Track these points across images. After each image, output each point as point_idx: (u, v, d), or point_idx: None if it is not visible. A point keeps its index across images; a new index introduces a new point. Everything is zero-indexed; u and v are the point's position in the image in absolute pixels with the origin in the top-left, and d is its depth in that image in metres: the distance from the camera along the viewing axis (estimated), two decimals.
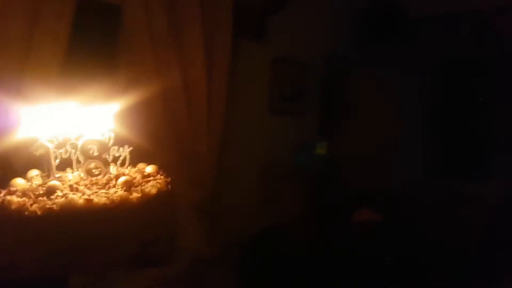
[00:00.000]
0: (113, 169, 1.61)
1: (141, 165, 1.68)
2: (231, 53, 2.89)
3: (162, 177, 1.57)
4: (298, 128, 3.38)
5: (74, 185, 1.42)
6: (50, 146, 1.50)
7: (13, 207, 1.32)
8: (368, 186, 3.24)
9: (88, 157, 1.52)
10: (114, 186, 1.45)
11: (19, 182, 1.46)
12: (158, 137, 2.59)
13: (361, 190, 3.20)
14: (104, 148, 1.54)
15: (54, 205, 1.32)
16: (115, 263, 1.35)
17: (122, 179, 1.45)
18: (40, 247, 1.29)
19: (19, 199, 1.34)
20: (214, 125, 2.84)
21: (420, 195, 3.20)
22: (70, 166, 1.57)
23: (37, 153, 1.49)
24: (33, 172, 1.57)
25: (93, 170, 1.53)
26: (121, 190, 1.42)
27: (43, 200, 1.34)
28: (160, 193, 1.46)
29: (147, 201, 1.42)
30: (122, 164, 1.61)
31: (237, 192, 2.99)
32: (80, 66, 2.41)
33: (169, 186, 1.54)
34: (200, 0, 2.80)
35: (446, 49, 3.43)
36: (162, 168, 1.69)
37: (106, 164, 1.55)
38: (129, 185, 1.44)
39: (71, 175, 1.55)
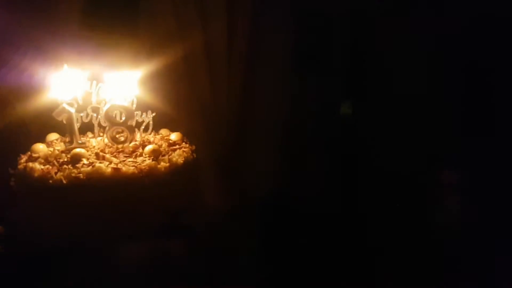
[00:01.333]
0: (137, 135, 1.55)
1: (163, 131, 1.62)
2: (253, 9, 2.76)
3: (187, 145, 1.50)
4: (323, 87, 3.26)
5: (101, 153, 1.36)
6: (73, 111, 1.43)
7: (36, 174, 1.26)
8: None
9: (113, 123, 1.45)
10: (141, 154, 1.39)
11: (41, 148, 1.41)
12: (180, 98, 2.53)
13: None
14: (129, 114, 1.47)
15: (81, 174, 1.26)
16: (146, 232, 1.31)
17: (149, 148, 1.40)
18: (66, 217, 1.25)
19: (42, 167, 1.28)
20: (234, 83, 2.77)
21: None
22: (90, 130, 1.50)
23: (60, 118, 1.42)
24: (52, 136, 1.51)
25: (118, 137, 1.46)
26: (148, 159, 1.36)
27: (69, 168, 1.28)
28: (187, 162, 1.40)
29: (175, 170, 1.36)
30: (146, 130, 1.54)
31: (258, 150, 2.93)
32: (101, 29, 2.33)
33: (194, 155, 1.48)
34: None
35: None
36: (184, 128, 1.62)
37: (132, 130, 1.48)
38: (156, 154, 1.38)
39: (95, 141, 1.48)
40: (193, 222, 1.42)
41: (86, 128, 1.51)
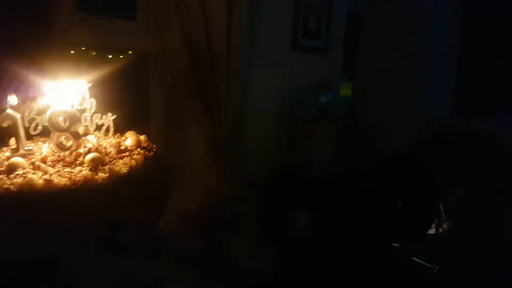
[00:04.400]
0: (94, 139, 1.52)
1: (128, 134, 1.57)
2: None
3: (141, 151, 1.45)
4: (322, 66, 3.15)
5: (37, 163, 1.34)
6: (18, 116, 1.41)
7: None
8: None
9: (57, 129, 1.42)
10: (82, 163, 1.36)
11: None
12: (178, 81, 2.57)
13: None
14: (74, 119, 1.43)
15: (12, 186, 1.24)
16: (80, 247, 1.29)
17: (89, 156, 1.35)
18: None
19: None
20: (234, 61, 2.70)
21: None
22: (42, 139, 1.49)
23: (4, 124, 1.40)
24: (12, 141, 1.49)
25: (65, 143, 1.44)
26: (86, 169, 1.32)
27: (2, 178, 1.26)
28: (131, 172, 1.35)
29: (116, 181, 1.32)
30: (106, 133, 1.52)
31: (258, 130, 2.89)
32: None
33: (150, 160, 1.42)
34: None
35: None
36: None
37: (77, 137, 1.45)
38: (96, 163, 1.34)
39: (45, 148, 1.46)
40: (132, 239, 1.38)
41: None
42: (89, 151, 1.41)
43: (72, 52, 2.42)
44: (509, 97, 3.23)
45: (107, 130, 1.51)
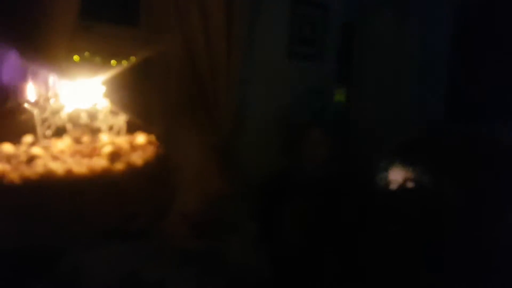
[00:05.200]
0: (107, 137, 1.58)
1: (137, 135, 1.64)
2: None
3: (152, 147, 1.53)
4: (317, 73, 3.26)
5: (56, 153, 1.40)
6: (35, 111, 1.47)
7: None
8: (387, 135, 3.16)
9: (76, 125, 1.50)
10: (98, 155, 1.43)
11: (6, 148, 1.45)
12: (178, 89, 2.63)
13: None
14: (93, 116, 1.51)
15: (33, 174, 1.30)
16: (97, 235, 1.35)
17: (107, 149, 1.43)
18: (19, 218, 1.29)
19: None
20: (232, 70, 2.79)
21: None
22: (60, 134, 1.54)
23: (22, 117, 1.47)
24: (28, 138, 1.55)
25: (80, 139, 1.51)
26: (104, 160, 1.39)
27: (23, 168, 1.32)
28: (146, 165, 1.43)
29: (132, 172, 1.39)
30: (117, 133, 1.58)
31: (255, 134, 2.98)
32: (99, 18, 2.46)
33: (160, 157, 1.50)
34: None
35: None
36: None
37: (95, 133, 1.52)
38: (114, 156, 1.41)
39: (62, 143, 1.52)
40: (145, 227, 1.44)
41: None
42: (105, 145, 1.47)
43: (77, 56, 2.48)
44: (500, 102, 3.35)
45: (119, 130, 1.58)
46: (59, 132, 1.55)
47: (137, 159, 1.43)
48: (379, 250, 2.71)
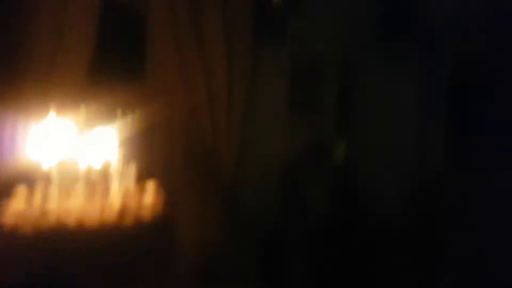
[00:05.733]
0: (116, 187, 1.75)
1: (145, 186, 1.80)
2: (252, 58, 2.98)
3: (160, 203, 1.68)
4: (318, 126, 3.44)
5: (69, 205, 1.56)
6: (48, 165, 1.64)
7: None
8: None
9: (88, 178, 1.67)
10: (109, 209, 1.60)
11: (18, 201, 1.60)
12: (182, 143, 2.78)
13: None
14: (104, 171, 1.69)
15: (46, 225, 1.46)
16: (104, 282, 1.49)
17: (117, 204, 1.60)
18: (31, 264, 1.43)
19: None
20: (234, 125, 2.96)
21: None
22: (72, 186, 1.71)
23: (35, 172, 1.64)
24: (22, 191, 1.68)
25: (92, 191, 1.68)
26: (114, 215, 1.56)
27: (36, 218, 1.48)
28: (155, 220, 1.58)
29: (140, 227, 1.55)
30: (126, 184, 1.75)
31: (257, 189, 3.10)
32: (106, 75, 2.56)
33: (166, 213, 1.65)
34: (222, 7, 2.90)
35: (459, 46, 3.41)
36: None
37: (106, 186, 1.69)
38: (123, 211, 1.58)
39: (70, 196, 1.69)
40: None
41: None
42: (114, 199, 1.65)
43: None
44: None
45: (128, 180, 1.76)
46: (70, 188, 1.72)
47: (146, 214, 1.60)
48: None
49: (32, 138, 1.79)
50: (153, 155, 2.65)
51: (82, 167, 1.71)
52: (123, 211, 1.58)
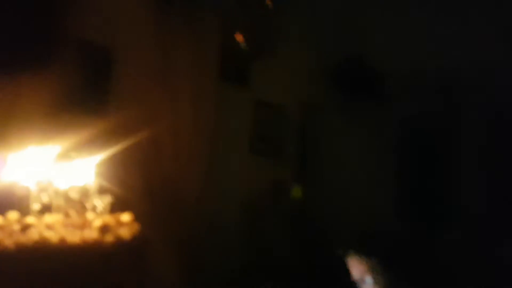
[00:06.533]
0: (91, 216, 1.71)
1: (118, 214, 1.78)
2: (216, 97, 3.04)
3: (135, 224, 1.67)
4: (277, 169, 3.53)
5: (50, 224, 1.52)
6: (30, 187, 1.61)
7: None
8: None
9: (68, 202, 1.64)
10: (89, 228, 1.56)
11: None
12: (145, 180, 2.70)
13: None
14: (85, 194, 1.66)
15: (28, 242, 1.41)
16: None
17: (97, 222, 1.57)
18: (13, 283, 1.37)
19: None
20: (198, 163, 2.97)
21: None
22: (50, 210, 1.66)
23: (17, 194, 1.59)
24: (12, 215, 1.64)
25: (71, 214, 1.64)
26: (95, 232, 1.53)
27: (18, 236, 1.43)
28: (133, 239, 1.56)
29: (120, 245, 1.52)
30: (101, 212, 1.72)
31: (219, 228, 3.09)
32: (70, 110, 2.52)
33: (141, 234, 1.64)
34: (189, 46, 2.97)
35: (413, 104, 3.68)
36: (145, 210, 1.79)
37: (84, 210, 1.67)
38: (104, 229, 1.55)
39: (52, 216, 1.64)
40: None
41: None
42: (93, 220, 1.61)
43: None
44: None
45: (102, 209, 1.73)
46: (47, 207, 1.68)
47: (125, 233, 1.57)
48: None
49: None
50: (123, 181, 2.63)
51: (60, 189, 1.66)
52: (102, 230, 1.53)
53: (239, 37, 3.34)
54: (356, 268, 2.04)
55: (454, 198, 3.62)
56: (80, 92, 2.53)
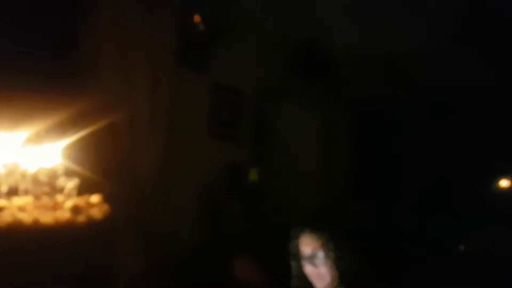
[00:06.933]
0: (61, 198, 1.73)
1: (86, 195, 1.81)
2: (173, 81, 3.06)
3: (105, 205, 1.71)
4: (234, 152, 3.60)
5: (22, 206, 1.54)
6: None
7: None
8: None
9: (38, 184, 1.65)
10: (61, 209, 1.59)
11: None
12: (104, 164, 2.70)
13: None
14: (53, 177, 1.67)
15: (1, 224, 1.42)
16: (61, 281, 1.48)
17: (69, 204, 1.59)
18: None
19: None
20: (155, 146, 2.98)
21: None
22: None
23: None
24: None
25: (42, 196, 1.65)
26: (68, 213, 1.55)
27: None
28: (104, 219, 1.60)
29: (92, 225, 1.56)
30: (70, 194, 1.74)
31: (176, 210, 3.13)
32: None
33: (111, 214, 1.68)
34: (145, 30, 2.96)
35: (363, 88, 3.84)
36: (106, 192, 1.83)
37: (54, 191, 1.68)
38: (75, 210, 1.58)
39: (20, 200, 1.65)
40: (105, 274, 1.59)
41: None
42: (64, 201, 1.63)
43: None
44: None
45: (71, 190, 1.75)
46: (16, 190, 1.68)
47: (96, 213, 1.61)
48: None
49: None
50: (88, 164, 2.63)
51: (28, 171, 1.67)
52: (74, 210, 1.56)
53: (197, 19, 3.36)
54: (309, 244, 2.12)
55: (402, 175, 3.83)
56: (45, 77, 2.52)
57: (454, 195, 3.64)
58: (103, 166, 2.67)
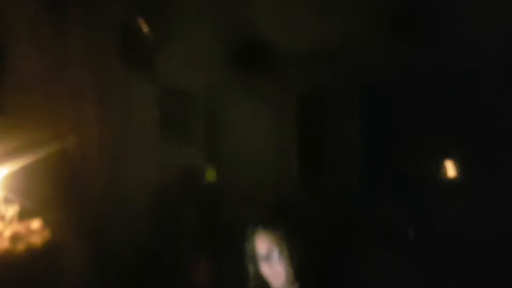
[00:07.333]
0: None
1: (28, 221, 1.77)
2: (120, 87, 3.02)
3: (46, 231, 1.68)
4: (187, 153, 3.58)
5: None
6: None
7: None
8: None
9: None
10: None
11: None
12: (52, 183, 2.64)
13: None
14: None
15: None
16: None
17: (7, 232, 1.56)
18: None
19: None
20: (105, 156, 2.95)
21: None
22: None
23: None
24: None
25: None
26: (6, 242, 1.52)
27: None
28: (44, 245, 1.58)
29: (32, 252, 1.53)
30: (9, 221, 1.71)
31: (129, 216, 3.11)
32: None
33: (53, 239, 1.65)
34: (87, 35, 2.90)
35: (305, 83, 3.90)
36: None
37: None
38: (14, 238, 1.55)
39: None
40: None
41: None
42: (3, 229, 1.60)
43: None
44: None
45: (11, 217, 1.71)
46: None
47: (36, 240, 1.58)
48: None
49: None
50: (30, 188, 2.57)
51: None
52: (13, 239, 1.54)
53: (140, 21, 3.32)
54: (263, 243, 2.14)
55: (351, 167, 3.91)
56: None
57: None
58: (50, 185, 2.63)
